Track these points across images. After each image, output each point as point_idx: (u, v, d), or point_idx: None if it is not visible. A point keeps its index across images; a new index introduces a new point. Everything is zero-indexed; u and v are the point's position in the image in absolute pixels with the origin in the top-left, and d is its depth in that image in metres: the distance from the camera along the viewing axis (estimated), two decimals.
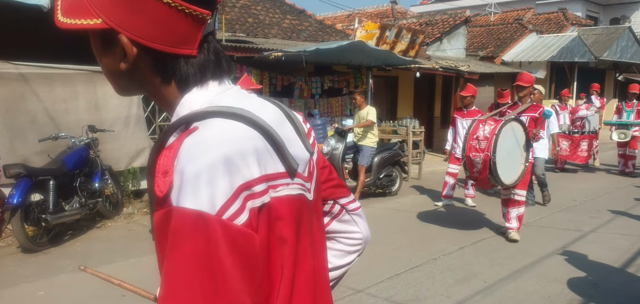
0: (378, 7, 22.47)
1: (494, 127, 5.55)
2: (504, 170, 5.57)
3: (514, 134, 5.75)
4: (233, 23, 11.22)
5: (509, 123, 5.66)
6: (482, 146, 5.55)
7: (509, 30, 19.89)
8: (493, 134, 5.48)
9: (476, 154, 5.61)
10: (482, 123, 5.71)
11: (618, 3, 28.33)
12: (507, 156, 5.59)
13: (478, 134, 5.62)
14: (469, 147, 5.69)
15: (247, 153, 0.80)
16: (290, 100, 10.87)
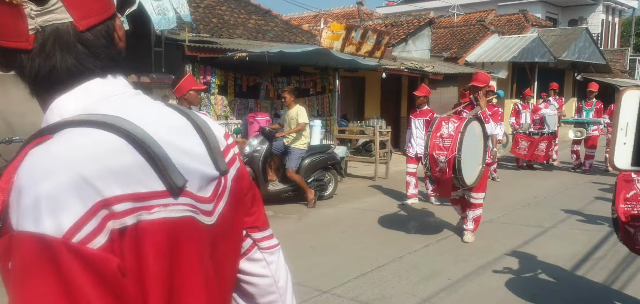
0: (344, 8, 22.57)
1: (458, 125, 5.37)
2: (466, 170, 5.41)
3: (474, 134, 5.64)
4: (197, 23, 11.05)
5: (472, 122, 5.55)
6: (446, 144, 5.34)
7: (471, 31, 20.29)
8: (458, 132, 5.30)
9: (440, 152, 5.38)
10: (445, 120, 5.51)
11: (576, 5, 29.27)
12: (468, 156, 5.45)
13: (442, 132, 5.42)
14: (432, 145, 5.44)
15: (107, 168, 0.69)
16: (256, 101, 10.78)
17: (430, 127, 5.61)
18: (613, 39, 31.74)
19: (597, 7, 29.34)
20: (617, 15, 32.05)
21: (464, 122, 5.38)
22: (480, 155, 5.74)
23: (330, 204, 8.17)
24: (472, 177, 5.62)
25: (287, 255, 3.07)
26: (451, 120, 5.52)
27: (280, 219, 7.28)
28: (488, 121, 5.78)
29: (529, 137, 11.59)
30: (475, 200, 6.02)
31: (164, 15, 7.81)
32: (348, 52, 11.16)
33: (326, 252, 5.71)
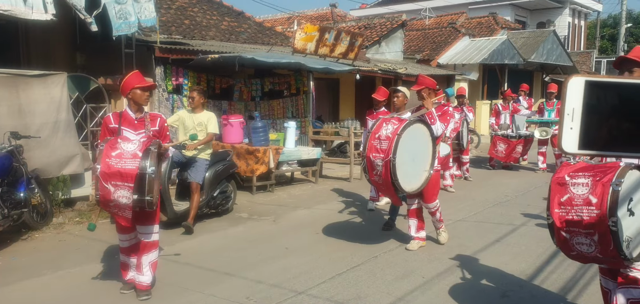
0: (317, 10, 22.63)
1: (397, 126, 4.98)
2: (405, 175, 5.01)
3: (419, 137, 5.23)
4: (169, 25, 10.92)
5: (414, 125, 5.12)
6: (383, 146, 4.95)
7: (443, 34, 20.58)
8: (395, 134, 4.90)
9: (376, 155, 5.00)
10: (387, 121, 5.13)
11: (543, 8, 30.00)
12: (410, 161, 5.08)
13: (380, 133, 5.04)
14: (369, 147, 5.06)
15: None
16: (230, 103, 10.71)
17: (371, 127, 5.22)
18: (579, 42, 32.65)
19: (564, 10, 30.14)
20: (583, 19, 32.98)
21: (403, 124, 5.00)
22: (427, 160, 5.35)
23: (306, 205, 8.16)
24: (415, 183, 5.26)
25: (262, 257, 3.07)
26: (392, 121, 5.12)
27: (255, 221, 7.25)
28: (434, 122, 5.41)
29: (507, 140, 11.78)
30: (432, 209, 5.85)
31: (125, 19, 7.67)
32: (322, 54, 11.19)
33: (301, 253, 5.71)
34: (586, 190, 2.85)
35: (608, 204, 2.75)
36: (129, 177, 3.88)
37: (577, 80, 1.00)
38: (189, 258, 5.55)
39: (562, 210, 2.90)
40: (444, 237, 6.06)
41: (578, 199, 2.86)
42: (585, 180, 2.87)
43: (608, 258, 2.86)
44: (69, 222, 6.93)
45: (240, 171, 9.16)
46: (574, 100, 1.01)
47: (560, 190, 2.94)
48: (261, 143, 9.14)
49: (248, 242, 6.23)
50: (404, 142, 4.90)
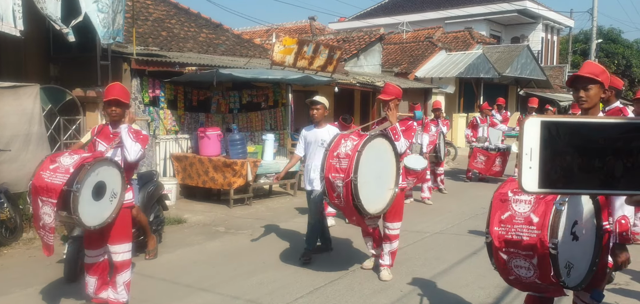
0: (296, 23, 22.69)
1: (357, 142, 4.52)
2: (369, 196, 4.54)
3: (381, 153, 4.75)
4: (146, 37, 10.80)
5: (375, 140, 4.65)
6: (343, 165, 4.46)
7: (420, 47, 20.83)
8: (355, 151, 4.43)
9: (336, 175, 4.48)
10: (345, 138, 4.67)
11: (517, 23, 30.64)
12: (373, 179, 4.61)
13: (339, 151, 4.53)
14: (328, 167, 4.55)
15: None
16: (207, 115, 10.62)
17: (328, 145, 4.76)
18: (552, 56, 33.41)
19: (537, 26, 30.83)
20: (555, 34, 33.79)
21: (363, 139, 4.54)
22: (391, 178, 4.85)
23: (284, 218, 8.11)
24: (379, 204, 4.78)
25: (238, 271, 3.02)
26: (350, 137, 4.68)
27: (232, 235, 7.16)
28: (398, 138, 4.98)
29: (487, 152, 11.93)
30: (391, 231, 5.22)
31: (109, 28, 7.60)
32: (300, 66, 11.20)
33: (278, 267, 5.66)
34: (528, 208, 2.64)
35: (549, 224, 2.54)
36: (53, 192, 3.68)
37: (534, 120, 1.04)
38: (165, 273, 5.45)
39: (502, 229, 2.67)
40: (386, 275, 5.26)
41: (519, 217, 2.64)
42: (528, 197, 2.64)
43: (547, 284, 2.63)
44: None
45: (217, 184, 9.08)
46: (531, 140, 1.04)
47: (501, 206, 2.72)
48: (239, 156, 9.07)
49: (225, 256, 6.15)
50: (365, 159, 4.44)
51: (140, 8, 11.85)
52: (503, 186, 2.84)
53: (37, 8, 6.82)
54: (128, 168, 4.37)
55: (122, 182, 4.10)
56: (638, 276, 5.34)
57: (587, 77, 2.92)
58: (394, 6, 32.64)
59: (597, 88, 2.92)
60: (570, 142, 1.03)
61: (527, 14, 29.33)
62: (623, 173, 1.03)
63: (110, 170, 4.02)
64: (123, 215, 4.19)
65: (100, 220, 3.98)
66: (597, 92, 2.92)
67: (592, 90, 2.92)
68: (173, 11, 13.06)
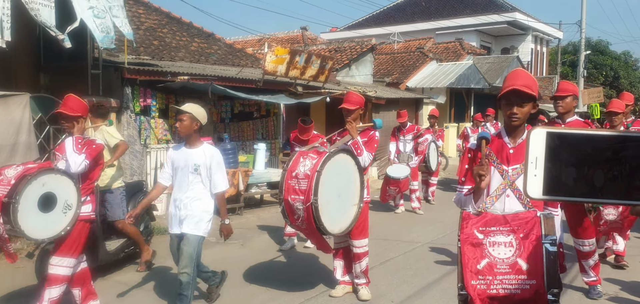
0: (288, 33, 22.77)
1: (317, 161, 4.22)
2: (331, 216, 4.27)
3: (343, 169, 4.47)
4: (137, 46, 10.78)
5: (336, 156, 4.37)
6: (302, 187, 4.18)
7: (411, 58, 20.97)
8: (314, 171, 4.14)
9: (295, 197, 4.21)
10: (304, 155, 4.36)
11: (507, 34, 30.95)
12: (335, 198, 4.35)
13: (297, 171, 4.24)
14: (286, 188, 4.25)
15: None
16: None
17: (286, 164, 4.42)
18: (541, 67, 33.76)
19: (527, 37, 31.16)
20: (544, 45, 34.17)
21: (322, 157, 4.23)
22: (355, 193, 4.57)
23: (275, 228, 8.09)
24: (343, 221, 4.48)
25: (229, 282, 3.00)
26: (309, 155, 4.34)
27: (223, 245, 7.13)
28: (361, 153, 4.70)
29: None
30: (359, 249, 4.87)
31: (107, 33, 7.57)
32: (292, 76, 11.23)
33: (269, 278, 5.64)
34: (511, 253, 2.18)
35: (545, 271, 2.11)
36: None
37: (539, 131, 1.10)
38: (153, 284, 5.41)
39: (480, 282, 2.19)
40: (365, 294, 4.95)
41: (502, 265, 2.18)
42: (505, 237, 2.23)
43: None
44: (26, 247, 6.67)
45: None
46: (537, 149, 1.10)
47: (474, 253, 2.26)
48: (230, 166, 9.05)
49: (215, 267, 6.10)
50: (325, 179, 4.16)
51: (131, 17, 11.83)
52: (465, 225, 2.43)
53: (31, 15, 6.79)
54: (85, 179, 4.16)
55: (77, 194, 3.98)
56: (627, 286, 5.38)
57: (526, 92, 2.59)
58: (385, 17, 32.86)
59: (530, 105, 2.67)
60: (574, 152, 1.08)
61: (517, 25, 29.66)
62: (628, 184, 1.07)
63: (60, 181, 3.92)
64: (78, 229, 4.02)
65: (52, 233, 3.87)
66: (530, 108, 2.68)
67: (526, 106, 2.65)
68: (165, 20, 13.06)
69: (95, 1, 7.46)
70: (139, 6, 12.85)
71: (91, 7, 7.35)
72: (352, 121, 4.79)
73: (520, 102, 2.61)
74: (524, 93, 2.57)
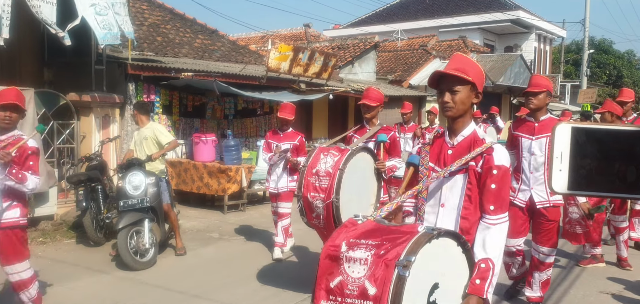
0: (291, 29, 22.77)
1: (338, 158, 4.12)
2: (351, 214, 3.52)
3: (362, 167, 4.39)
4: (141, 42, 10.79)
5: (358, 154, 4.30)
6: (322, 184, 4.09)
7: (414, 55, 20.94)
8: (337, 169, 4.05)
9: (315, 195, 4.10)
10: (324, 152, 4.24)
11: (511, 33, 30.87)
12: (355, 197, 4.24)
13: (318, 168, 4.12)
14: (306, 185, 4.16)
15: None
16: (202, 121, 10.61)
17: (306, 160, 4.33)
18: (545, 66, 33.69)
19: (530, 36, 31.08)
20: (548, 44, 34.08)
21: (345, 155, 4.14)
22: (372, 193, 4.50)
23: None
24: None
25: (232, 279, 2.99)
26: (330, 152, 4.24)
27: (226, 241, 7.15)
28: (384, 156, 4.61)
29: None
30: None
31: (109, 30, 7.57)
32: (295, 73, 11.23)
33: (272, 275, 5.65)
34: (363, 272, 1.79)
35: (389, 298, 1.71)
36: None
37: (565, 126, 1.10)
38: (158, 279, 5.43)
39: (331, 302, 1.86)
40: None
41: (352, 286, 1.80)
42: (364, 253, 1.82)
43: None
44: (31, 242, 6.69)
45: (211, 190, 9.06)
46: (562, 144, 1.10)
47: (330, 267, 1.88)
48: (233, 162, 9.07)
49: (218, 263, 6.13)
50: (347, 177, 4.06)
51: (135, 13, 11.84)
52: (337, 234, 1.98)
53: (32, 12, 6.80)
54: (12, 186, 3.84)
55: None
56: (631, 286, 5.37)
57: (455, 75, 2.27)
58: (388, 14, 32.80)
59: (467, 90, 2.29)
60: (603, 147, 1.08)
61: (521, 23, 29.58)
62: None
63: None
64: (7, 235, 3.84)
65: None
66: (468, 94, 2.30)
67: (461, 92, 2.29)
68: (168, 16, 13.06)
69: None
70: (143, 2, 12.86)
71: (93, 4, 7.35)
72: (375, 117, 4.85)
73: (451, 87, 2.28)
74: (454, 77, 2.25)
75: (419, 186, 2.38)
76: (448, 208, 2.35)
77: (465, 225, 2.29)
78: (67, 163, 8.17)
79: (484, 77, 2.40)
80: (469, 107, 2.33)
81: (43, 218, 7.31)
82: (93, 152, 7.52)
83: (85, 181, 6.69)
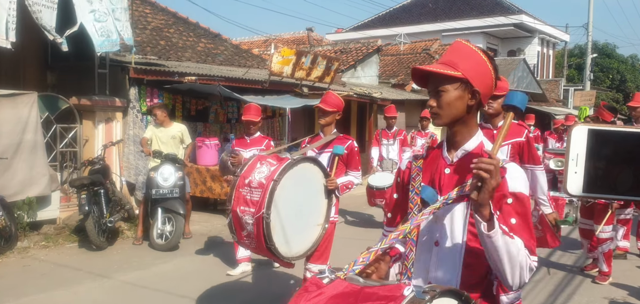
0: (294, 33, 22.79)
1: (275, 168, 3.42)
2: (287, 235, 3.47)
3: (308, 180, 3.70)
4: (144, 45, 10.81)
5: (300, 165, 3.61)
6: (254, 197, 3.38)
7: (417, 59, 20.93)
8: (270, 180, 3.35)
9: (245, 209, 3.39)
10: (261, 161, 3.55)
11: (513, 37, 30.86)
12: (294, 215, 3.54)
13: (251, 178, 3.44)
14: (236, 198, 3.44)
15: None
16: (205, 125, 10.62)
17: (240, 169, 3.58)
18: (548, 70, 33.63)
19: (533, 40, 31.05)
20: (551, 48, 34.04)
21: (283, 164, 3.42)
22: (320, 211, 3.76)
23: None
24: (302, 244, 3.62)
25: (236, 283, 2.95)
26: (268, 160, 3.56)
27: (229, 245, 7.13)
28: (340, 169, 4.07)
29: None
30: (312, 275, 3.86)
31: (107, 37, 7.58)
32: (298, 77, 11.24)
33: (276, 279, 5.63)
34: None
35: None
36: None
37: (581, 128, 1.08)
38: (160, 284, 5.42)
39: None
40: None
41: None
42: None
43: None
44: (34, 246, 6.70)
45: (214, 194, 9.05)
46: (578, 146, 1.08)
47: None
48: None
49: (221, 267, 6.12)
50: (283, 191, 3.37)
51: (138, 16, 11.88)
52: (296, 300, 1.54)
53: (32, 18, 6.82)
54: None
55: None
56: (635, 292, 5.34)
57: (439, 74, 1.73)
58: (391, 18, 32.83)
59: (457, 90, 1.71)
60: (620, 150, 1.06)
61: (523, 27, 29.56)
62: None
63: None
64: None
65: None
66: (459, 95, 1.71)
67: (449, 92, 1.72)
68: (172, 20, 13.09)
69: (97, 4, 7.47)
70: (146, 6, 12.89)
71: (93, 10, 7.36)
72: (331, 123, 4.27)
73: (436, 86, 1.73)
74: (437, 75, 1.71)
75: (406, 226, 1.72)
76: (444, 249, 1.76)
77: (470, 278, 1.71)
78: (70, 166, 8.18)
79: (489, 70, 1.76)
80: (462, 111, 1.72)
81: (46, 222, 7.31)
82: (96, 155, 7.52)
83: (88, 185, 6.69)
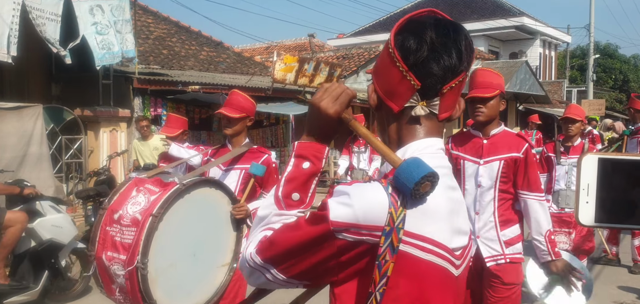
0: (296, 40, 22.85)
1: (156, 198, 2.40)
2: (175, 286, 2.53)
3: (205, 211, 2.76)
4: (147, 55, 10.85)
5: (194, 191, 2.58)
6: (126, 239, 2.34)
7: None
8: (147, 215, 2.33)
9: (114, 255, 2.34)
10: (138, 187, 2.46)
11: (515, 39, 30.85)
12: (188, 256, 2.59)
13: (122, 211, 2.37)
14: (102, 239, 2.36)
15: None
16: (209, 133, 10.64)
17: (108, 199, 2.46)
18: (550, 71, 33.60)
19: (535, 42, 31.04)
20: (553, 49, 34.02)
21: (167, 192, 2.42)
22: (225, 249, 2.82)
23: None
24: (202, 293, 2.66)
25: None
26: (147, 186, 2.47)
27: None
28: (255, 191, 3.21)
29: None
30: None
31: (108, 50, 7.60)
32: (301, 84, 11.26)
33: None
34: None
35: None
36: None
37: (591, 157, 1.08)
38: None
39: None
40: None
41: None
42: None
43: None
44: None
45: None
46: (589, 175, 1.08)
47: None
48: None
49: None
50: (169, 228, 2.42)
51: (141, 26, 11.93)
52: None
53: (36, 31, 6.86)
54: None
55: None
56: None
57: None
58: (392, 23, 32.80)
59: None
60: (627, 178, 1.06)
61: (525, 29, 29.56)
62: None
63: None
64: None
65: None
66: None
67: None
68: (174, 29, 13.14)
69: (100, 16, 7.51)
70: (148, 16, 12.95)
71: (95, 23, 7.40)
72: (242, 133, 3.35)
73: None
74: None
75: None
76: None
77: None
78: (75, 177, 8.19)
79: None
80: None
81: None
82: (101, 166, 7.54)
83: (93, 196, 6.69)
